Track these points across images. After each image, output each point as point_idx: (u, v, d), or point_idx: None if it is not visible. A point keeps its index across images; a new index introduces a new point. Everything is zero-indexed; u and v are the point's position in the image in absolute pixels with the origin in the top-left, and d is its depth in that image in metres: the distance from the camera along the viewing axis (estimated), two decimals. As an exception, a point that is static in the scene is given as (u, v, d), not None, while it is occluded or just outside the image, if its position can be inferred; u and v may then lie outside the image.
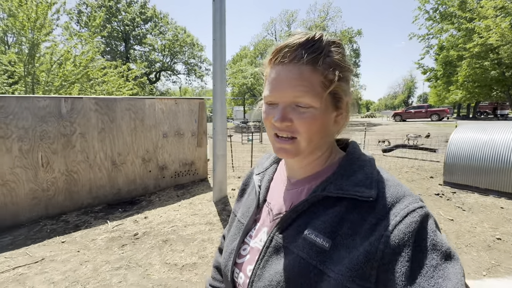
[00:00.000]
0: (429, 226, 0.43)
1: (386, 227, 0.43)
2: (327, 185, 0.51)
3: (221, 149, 4.30)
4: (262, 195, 0.65)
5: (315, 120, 0.49)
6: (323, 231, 0.48)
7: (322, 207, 0.51)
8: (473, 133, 5.14)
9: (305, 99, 0.48)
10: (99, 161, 4.31)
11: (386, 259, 0.41)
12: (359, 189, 0.48)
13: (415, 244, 0.41)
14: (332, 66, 0.49)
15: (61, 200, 3.99)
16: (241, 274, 0.58)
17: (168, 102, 5.07)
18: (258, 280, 0.52)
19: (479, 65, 13.20)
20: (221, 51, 4.02)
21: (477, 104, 28.71)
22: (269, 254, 0.53)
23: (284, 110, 0.50)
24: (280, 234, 0.54)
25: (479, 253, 2.73)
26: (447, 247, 0.43)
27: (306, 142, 0.51)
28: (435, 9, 16.90)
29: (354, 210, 0.47)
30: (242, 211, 0.67)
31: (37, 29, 8.53)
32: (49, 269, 2.59)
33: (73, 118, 3.98)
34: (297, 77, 0.48)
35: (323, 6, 28.69)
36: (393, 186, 0.48)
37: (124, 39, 24.72)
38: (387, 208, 0.45)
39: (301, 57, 0.48)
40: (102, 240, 3.19)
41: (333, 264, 0.45)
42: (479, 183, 4.74)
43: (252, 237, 0.61)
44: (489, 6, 10.94)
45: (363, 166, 0.52)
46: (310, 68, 0.48)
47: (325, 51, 0.49)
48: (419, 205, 0.45)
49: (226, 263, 0.62)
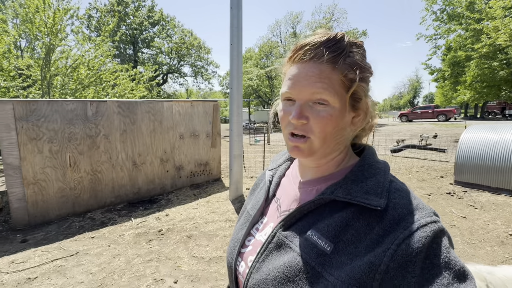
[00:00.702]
0: (442, 242, 0.41)
1: (393, 240, 0.41)
2: (336, 189, 0.50)
3: (237, 150, 4.46)
4: (272, 190, 0.66)
5: (331, 119, 0.49)
6: (326, 234, 0.47)
7: (328, 210, 0.50)
8: (484, 133, 5.21)
9: (323, 95, 0.48)
10: (121, 161, 4.51)
11: (390, 273, 0.40)
12: (368, 196, 0.47)
13: (426, 260, 0.40)
14: (353, 66, 0.49)
15: (87, 198, 4.19)
16: (242, 263, 0.60)
17: (185, 105, 5.26)
18: (256, 272, 0.53)
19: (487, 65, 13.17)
20: (238, 55, 4.19)
21: (485, 104, 28.42)
22: (270, 249, 0.54)
23: (301, 107, 0.50)
24: (283, 231, 0.54)
25: (493, 248, 2.83)
26: (461, 266, 0.40)
27: (319, 142, 0.51)
28: (442, 9, 16.90)
29: (361, 218, 0.46)
30: (252, 203, 0.69)
31: (54, 35, 8.85)
32: (85, 262, 2.77)
33: (97, 120, 4.19)
34: (316, 75, 0.48)
35: (328, 8, 28.77)
36: (405, 198, 0.46)
37: (133, 42, 25.20)
38: (397, 220, 0.43)
39: (321, 55, 0.48)
40: (130, 235, 3.37)
41: (332, 268, 0.44)
42: (490, 182, 4.81)
43: (259, 230, 0.62)
44: (497, 7, 10.94)
45: (375, 174, 0.51)
46: (330, 67, 0.48)
47: (346, 51, 0.49)
48: (432, 220, 0.43)
49: (231, 251, 0.64)
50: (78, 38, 10.68)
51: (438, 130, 13.96)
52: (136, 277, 2.48)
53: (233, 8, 4.03)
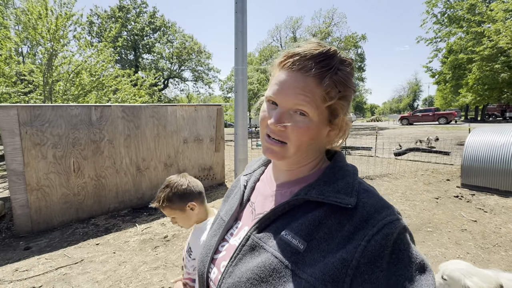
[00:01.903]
0: (405, 238, 0.45)
1: (363, 236, 0.44)
2: (310, 190, 0.52)
3: (242, 154, 4.41)
4: (247, 195, 0.66)
5: (308, 130, 0.51)
6: (299, 233, 0.48)
7: (302, 210, 0.52)
8: (490, 136, 5.17)
9: (304, 107, 0.50)
10: (125, 166, 4.46)
11: (361, 268, 0.42)
12: (340, 196, 0.48)
13: (392, 255, 0.43)
14: (337, 84, 0.50)
15: (90, 204, 4.14)
16: (214, 269, 0.59)
17: (189, 109, 5.24)
18: (229, 276, 0.53)
19: (489, 68, 13.18)
20: (243, 59, 4.18)
21: (485, 107, 28.43)
22: (243, 252, 0.54)
23: (281, 114, 0.51)
24: (257, 234, 0.54)
25: (508, 252, 2.76)
26: (421, 259, 0.44)
27: (294, 149, 0.53)
28: (443, 12, 17.00)
29: (333, 216, 0.48)
30: (226, 209, 0.68)
31: (56, 40, 8.89)
32: (90, 269, 2.71)
33: (102, 125, 4.16)
34: (301, 87, 0.49)
35: (327, 12, 28.95)
36: (372, 197, 0.49)
37: (134, 48, 25.36)
38: (365, 217, 0.46)
39: (310, 69, 0.49)
40: (135, 242, 3.31)
41: (305, 266, 0.45)
42: (499, 185, 4.75)
43: (233, 235, 0.62)
44: (498, 9, 10.99)
45: (345, 176, 0.53)
46: (315, 81, 0.49)
47: (334, 68, 0.50)
48: (396, 217, 0.45)
49: (203, 259, 0.63)
50: (80, 44, 10.75)
51: (440, 133, 13.92)
52: (143, 285, 2.41)
53: (238, 12, 4.02)
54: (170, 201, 1.14)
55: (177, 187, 1.16)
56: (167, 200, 1.14)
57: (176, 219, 1.17)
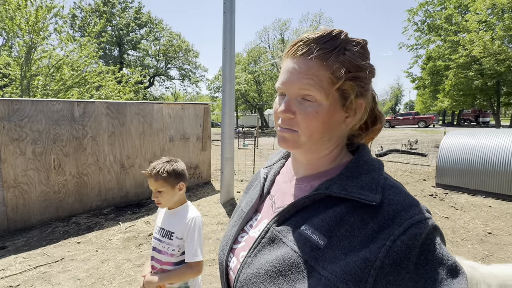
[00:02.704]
0: (436, 239, 0.42)
1: (388, 236, 0.41)
2: (331, 185, 0.50)
3: (229, 152, 4.46)
4: (267, 187, 0.66)
5: (317, 116, 0.49)
6: (319, 229, 0.47)
7: (323, 205, 0.50)
8: (462, 138, 5.52)
9: (310, 91, 0.48)
10: (109, 164, 4.38)
11: (385, 269, 0.40)
12: (363, 192, 0.46)
13: (421, 256, 0.40)
14: (344, 64, 0.48)
15: (71, 202, 4.03)
16: (234, 258, 0.60)
17: (175, 107, 5.21)
18: (248, 267, 0.53)
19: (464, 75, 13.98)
20: (231, 58, 4.23)
21: (461, 112, 30.02)
22: (263, 244, 0.54)
23: (289, 102, 0.51)
24: (277, 227, 0.54)
25: (474, 245, 2.99)
26: (453, 261, 0.41)
27: (305, 136, 0.51)
28: (423, 21, 17.84)
29: (355, 213, 0.46)
30: (247, 201, 0.68)
31: (36, 33, 8.53)
32: (72, 268, 2.66)
33: (85, 121, 4.07)
34: (304, 71, 0.48)
35: (315, 16, 29.51)
36: (399, 194, 0.47)
37: (118, 43, 24.66)
38: (391, 215, 0.43)
39: (311, 52, 0.48)
40: (118, 240, 3.27)
41: (325, 263, 0.44)
42: (469, 184, 5.08)
43: (253, 227, 0.62)
44: (472, 20, 11.70)
45: (370, 170, 0.51)
46: (319, 63, 0.48)
47: (338, 48, 0.48)
48: (425, 217, 0.43)
49: (223, 248, 0.64)
50: (62, 38, 10.35)
51: (419, 136, 14.58)
52: (127, 282, 2.41)
53: (227, 12, 4.07)
54: (168, 174, 1.21)
55: (177, 165, 1.26)
56: (166, 172, 1.21)
57: (162, 193, 1.22)
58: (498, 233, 3.28)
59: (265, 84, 30.49)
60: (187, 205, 1.34)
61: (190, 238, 1.22)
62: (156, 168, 1.22)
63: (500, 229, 3.40)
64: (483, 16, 11.80)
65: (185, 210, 1.31)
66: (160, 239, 1.27)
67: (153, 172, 1.22)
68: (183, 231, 1.24)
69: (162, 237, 1.27)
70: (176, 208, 1.31)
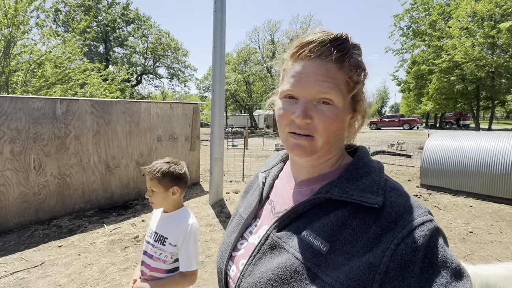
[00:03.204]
0: (439, 241, 0.41)
1: (391, 239, 0.41)
2: (331, 188, 0.49)
3: (218, 153, 4.41)
4: (266, 192, 0.64)
5: (336, 119, 0.48)
6: (321, 234, 0.46)
7: (323, 209, 0.49)
8: (445, 141, 5.71)
9: (330, 95, 0.47)
10: (93, 164, 4.23)
11: (390, 274, 0.39)
12: (365, 194, 0.46)
13: (425, 259, 0.40)
14: (357, 68, 0.49)
15: (52, 204, 3.86)
16: (233, 267, 0.57)
17: (164, 106, 5.11)
18: (248, 276, 0.51)
19: (446, 79, 14.55)
20: (221, 58, 4.19)
21: (443, 115, 31.21)
22: (263, 251, 0.52)
23: (306, 106, 0.48)
24: (277, 233, 0.52)
25: (456, 244, 3.09)
26: (457, 264, 0.40)
27: (323, 141, 0.49)
28: (408, 26, 18.43)
29: (357, 217, 0.45)
30: (245, 206, 0.66)
31: (15, 26, 8.14)
32: (52, 273, 2.54)
33: (68, 120, 3.91)
34: (323, 73, 0.47)
35: (305, 18, 29.77)
36: (401, 196, 0.46)
37: (104, 40, 23.96)
38: (394, 218, 0.43)
39: (329, 54, 0.47)
40: (102, 243, 3.16)
41: (329, 269, 0.43)
42: (451, 185, 5.27)
43: (252, 233, 0.60)
44: (455, 27, 12.18)
45: (370, 172, 0.50)
46: (336, 66, 0.47)
47: (350, 51, 0.49)
48: (428, 218, 0.42)
49: (221, 255, 0.62)
50: (44, 33, 9.93)
51: (404, 138, 15.00)
52: (111, 287, 2.32)
53: (217, 11, 4.03)
54: (163, 175, 1.18)
55: (175, 168, 1.22)
56: (161, 174, 1.17)
57: (155, 194, 1.18)
58: (479, 232, 3.41)
59: (254, 84, 30.50)
60: (184, 210, 1.27)
61: (185, 246, 1.16)
62: (154, 167, 1.19)
63: (480, 228, 3.54)
64: (465, 23, 12.32)
65: (181, 216, 1.24)
66: (152, 243, 1.21)
67: (149, 170, 1.18)
68: (178, 238, 1.17)
69: (155, 242, 1.20)
70: (171, 212, 1.25)
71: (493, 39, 12.18)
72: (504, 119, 51.11)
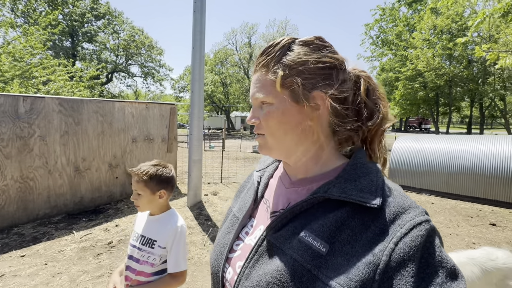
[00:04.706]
0: (435, 241, 0.42)
1: (390, 238, 0.41)
2: (330, 188, 0.49)
3: (197, 154, 4.36)
4: (261, 191, 0.64)
5: (271, 114, 0.53)
6: (320, 235, 0.46)
7: (321, 210, 0.49)
8: (409, 143, 6.18)
9: (261, 97, 0.54)
10: (60, 166, 3.96)
11: (389, 273, 0.39)
12: (364, 195, 0.46)
13: (422, 259, 0.40)
14: (284, 63, 0.51)
15: (13, 210, 3.54)
16: (230, 269, 0.57)
17: (139, 106, 4.93)
18: (246, 279, 0.50)
19: (410, 86, 15.74)
20: (200, 58, 4.15)
21: (407, 119, 33.64)
22: (260, 253, 0.52)
23: (252, 110, 0.57)
24: (274, 234, 0.52)
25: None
26: (452, 265, 0.41)
27: (270, 137, 0.55)
28: (377, 35, 19.66)
29: (356, 217, 0.45)
30: (239, 205, 0.66)
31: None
32: (14, 285, 2.34)
33: (32, 119, 3.62)
34: (255, 81, 0.55)
35: (281, 23, 30.41)
36: (398, 196, 0.47)
37: (71, 34, 22.40)
38: (391, 218, 0.43)
39: (257, 66, 0.56)
40: (72, 250, 2.96)
41: (329, 271, 0.43)
42: (415, 184, 5.71)
43: (249, 234, 0.59)
44: (418, 38, 13.24)
45: (368, 173, 0.50)
46: (263, 72, 0.54)
47: (279, 52, 0.52)
48: (425, 219, 0.43)
49: (217, 257, 0.60)
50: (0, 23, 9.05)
51: (374, 140, 15.90)
52: (84, 296, 2.20)
53: (197, 12, 4.00)
54: (150, 178, 1.16)
55: (163, 171, 1.21)
56: (149, 176, 1.16)
57: (141, 197, 1.16)
58: (439, 226, 3.74)
59: (231, 86, 30.43)
60: (171, 212, 1.26)
61: (175, 248, 1.15)
62: (140, 169, 1.16)
63: (440, 223, 3.89)
64: (427, 35, 13.45)
65: (170, 218, 1.23)
66: (139, 247, 1.18)
67: (136, 173, 1.16)
68: (167, 240, 1.16)
69: (142, 245, 1.18)
70: (159, 215, 1.23)
71: (450, 51, 13.46)
72: (459, 123, 56.39)
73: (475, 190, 5.04)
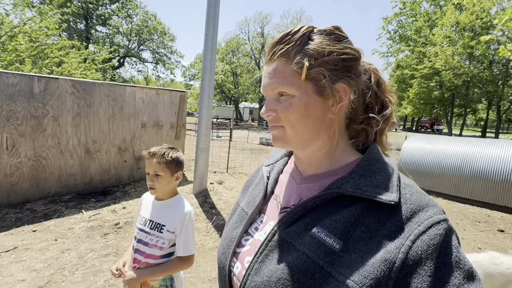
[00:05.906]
0: (453, 241, 0.41)
1: (407, 236, 0.40)
2: (343, 183, 0.48)
3: (204, 143, 4.38)
4: (270, 187, 0.63)
5: (293, 107, 0.50)
6: (334, 231, 0.45)
7: (334, 205, 0.48)
8: (421, 143, 6.04)
9: (280, 88, 0.50)
10: (72, 147, 4.05)
11: (405, 271, 0.38)
12: (379, 191, 0.44)
13: (438, 259, 0.39)
14: (306, 53, 0.49)
15: (26, 187, 3.67)
16: (238, 263, 0.56)
17: (150, 92, 4.95)
18: (255, 274, 0.49)
19: (426, 85, 15.25)
20: (213, 46, 4.11)
21: (419, 119, 32.79)
22: (270, 248, 0.51)
23: (267, 103, 0.53)
24: (285, 229, 0.51)
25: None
26: (469, 266, 0.40)
27: (290, 129, 0.51)
28: (395, 30, 18.96)
29: (371, 214, 0.44)
30: (247, 200, 0.65)
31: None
32: (26, 258, 2.44)
33: (46, 99, 3.69)
34: (272, 72, 0.51)
35: (296, 13, 29.75)
36: (416, 193, 0.45)
37: (85, 17, 22.49)
38: (408, 215, 0.42)
39: (273, 54, 0.51)
40: (81, 229, 3.07)
41: (342, 268, 0.42)
42: (424, 185, 5.61)
43: (258, 230, 0.58)
44: (438, 35, 12.72)
45: (384, 169, 0.49)
46: (282, 61, 0.50)
47: (299, 41, 0.49)
48: (443, 218, 0.42)
49: (224, 251, 0.60)
50: (17, 3, 9.15)
51: (384, 138, 15.61)
52: (91, 273, 2.28)
53: (211, -2, 3.93)
54: (172, 160, 1.19)
55: (179, 154, 1.25)
56: (171, 158, 1.18)
57: (160, 178, 1.18)
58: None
59: (242, 76, 30.19)
60: (179, 197, 1.29)
61: (184, 233, 1.18)
62: (161, 151, 1.18)
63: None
64: (448, 32, 12.90)
65: (178, 203, 1.26)
66: (147, 231, 1.20)
67: (158, 154, 1.17)
68: (176, 224, 1.19)
69: (151, 229, 1.20)
70: (167, 200, 1.25)
71: (471, 50, 12.91)
72: (473, 126, 54.70)
73: (485, 195, 4.92)
